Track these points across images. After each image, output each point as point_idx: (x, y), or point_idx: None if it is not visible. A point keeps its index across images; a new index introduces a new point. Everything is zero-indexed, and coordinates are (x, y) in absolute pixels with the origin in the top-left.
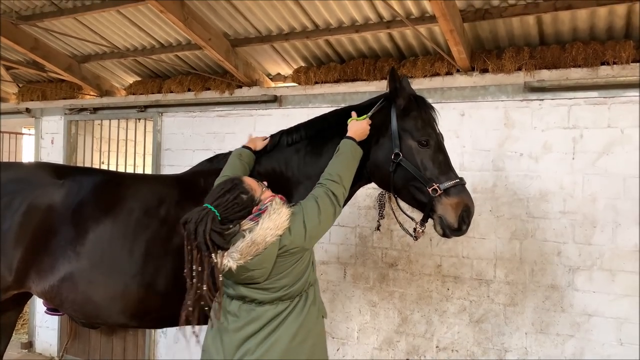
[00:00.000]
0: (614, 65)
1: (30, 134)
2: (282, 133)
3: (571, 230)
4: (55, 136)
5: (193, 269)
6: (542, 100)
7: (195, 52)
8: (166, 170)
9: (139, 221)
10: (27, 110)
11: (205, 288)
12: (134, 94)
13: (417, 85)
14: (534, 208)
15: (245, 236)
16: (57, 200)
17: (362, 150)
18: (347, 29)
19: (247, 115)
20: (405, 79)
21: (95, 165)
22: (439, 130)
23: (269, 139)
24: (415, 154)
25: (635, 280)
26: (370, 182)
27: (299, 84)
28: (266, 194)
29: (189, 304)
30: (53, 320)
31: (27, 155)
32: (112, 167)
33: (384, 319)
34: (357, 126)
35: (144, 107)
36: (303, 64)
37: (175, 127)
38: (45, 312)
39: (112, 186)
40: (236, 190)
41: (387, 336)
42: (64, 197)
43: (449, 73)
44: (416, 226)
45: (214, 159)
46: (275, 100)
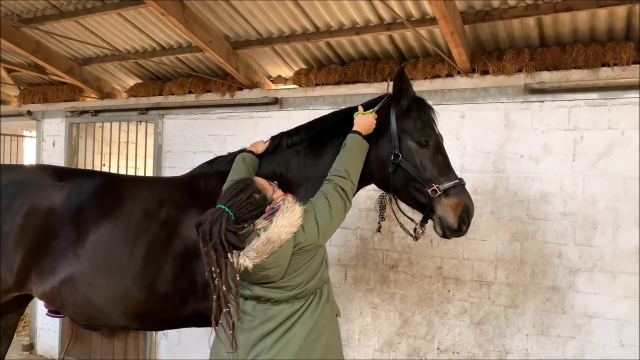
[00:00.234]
0: (615, 66)
1: (31, 137)
2: (282, 135)
3: (572, 232)
4: (56, 138)
5: (213, 270)
6: (543, 101)
7: (196, 55)
8: (167, 172)
9: (139, 223)
10: (29, 112)
11: (225, 289)
12: (135, 97)
13: (417, 87)
14: (535, 210)
15: (260, 235)
16: (58, 203)
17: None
18: (347, 31)
19: (248, 118)
20: (409, 81)
21: (97, 167)
22: (438, 131)
23: (270, 140)
24: (415, 154)
25: (635, 282)
26: (370, 184)
27: (300, 86)
28: (277, 193)
29: (216, 305)
30: (54, 323)
31: (28, 158)
32: (113, 170)
33: (384, 321)
34: (364, 120)
35: (145, 110)
36: (304, 66)
37: (176, 129)
38: (47, 314)
39: (113, 188)
40: (249, 190)
41: (388, 338)
42: (65, 199)
43: (449, 75)
44: (416, 227)
45: (214, 161)
46: (276, 102)
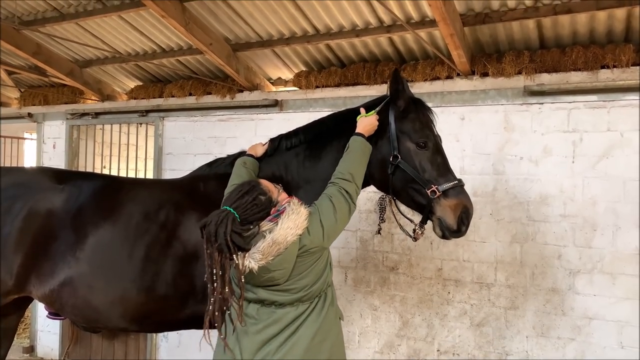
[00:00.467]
0: (614, 68)
1: (32, 139)
2: (280, 137)
3: (571, 234)
4: (57, 141)
5: (214, 272)
6: (542, 104)
7: (196, 57)
8: (167, 174)
9: (139, 226)
10: (29, 115)
11: (228, 291)
12: (135, 99)
13: (417, 89)
14: (534, 211)
15: (265, 237)
16: (57, 205)
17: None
18: (347, 33)
19: (248, 120)
20: (405, 81)
21: (97, 169)
22: (436, 132)
23: (268, 143)
24: (414, 155)
25: (635, 284)
26: (370, 185)
27: (300, 88)
28: (283, 195)
29: (211, 308)
30: (55, 325)
31: (29, 160)
32: (114, 172)
33: (385, 323)
34: (366, 122)
35: (146, 112)
36: (304, 68)
37: (177, 132)
38: (47, 316)
39: (112, 191)
40: (254, 192)
41: (388, 340)
42: (64, 201)
43: (449, 77)
44: (415, 228)
45: (213, 163)
46: (276, 104)
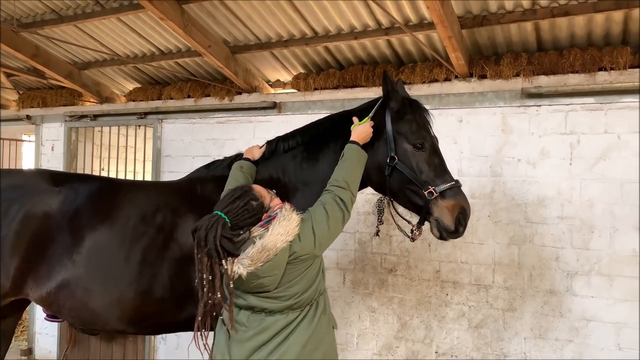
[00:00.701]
0: (612, 71)
1: (30, 141)
2: (278, 139)
3: (569, 236)
4: (55, 143)
5: (204, 277)
6: (540, 106)
7: (195, 59)
8: (166, 176)
9: (136, 228)
10: (28, 117)
11: (219, 296)
12: (134, 101)
13: (415, 91)
14: (532, 213)
15: (255, 242)
16: (54, 208)
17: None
18: (346, 35)
19: (247, 122)
20: (400, 82)
21: (96, 172)
22: (433, 133)
23: (266, 145)
24: (411, 157)
25: (633, 285)
26: (367, 187)
27: (299, 90)
28: (275, 201)
29: (201, 313)
30: (53, 327)
31: (27, 162)
32: (112, 174)
33: (383, 325)
34: (360, 129)
35: (144, 114)
36: (302, 71)
37: (175, 134)
38: (45, 318)
39: (109, 193)
40: (246, 197)
41: (387, 342)
42: (61, 204)
43: (447, 79)
44: (413, 228)
45: (211, 165)
46: (274, 106)
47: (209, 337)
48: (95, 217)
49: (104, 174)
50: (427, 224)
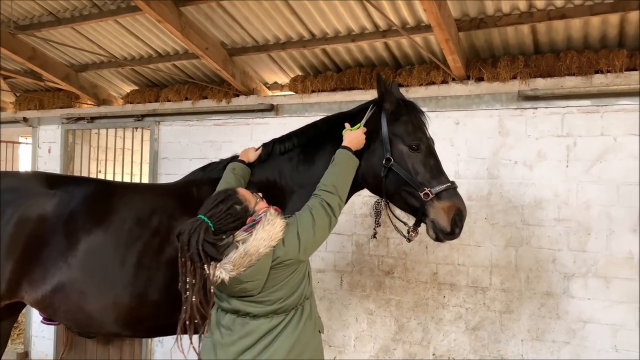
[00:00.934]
0: (608, 73)
1: (27, 143)
2: (274, 142)
3: (566, 238)
4: (52, 145)
5: (187, 281)
6: (536, 108)
7: (192, 61)
8: (163, 179)
9: (131, 231)
10: (25, 119)
11: (195, 299)
12: (131, 103)
13: (413, 94)
14: (529, 215)
15: (238, 247)
16: (49, 210)
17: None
18: (343, 38)
19: (244, 124)
20: (394, 84)
21: (93, 174)
22: (429, 134)
23: (262, 148)
24: (407, 158)
25: (629, 287)
26: (363, 189)
27: (296, 92)
28: (260, 205)
29: (184, 317)
30: (49, 330)
31: (24, 165)
32: (110, 176)
33: (380, 327)
34: (352, 136)
35: (141, 116)
36: (300, 73)
37: (172, 136)
38: (41, 321)
39: (104, 196)
40: (230, 201)
41: (384, 344)
42: (56, 207)
43: (444, 82)
44: (409, 230)
45: (207, 168)
46: (272, 109)
47: (194, 339)
48: (91, 220)
49: (101, 176)
50: (423, 225)
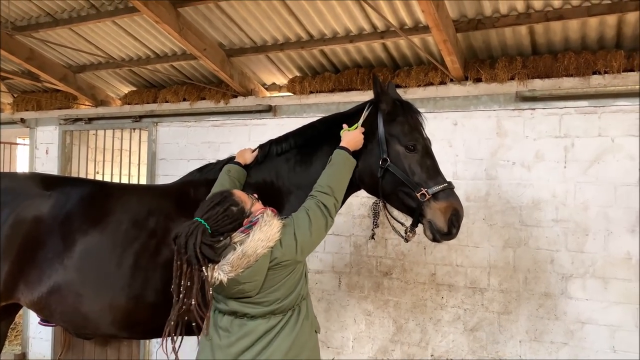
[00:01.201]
0: (606, 74)
1: (24, 144)
2: (271, 143)
3: (564, 238)
4: (49, 146)
5: (181, 284)
6: (534, 109)
7: (190, 62)
8: (161, 180)
9: (127, 232)
10: (22, 120)
11: (194, 302)
12: (129, 104)
13: (411, 94)
14: (527, 216)
15: (236, 248)
16: (44, 212)
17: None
18: (341, 39)
19: (242, 125)
20: (391, 84)
21: (90, 175)
22: (426, 134)
23: (258, 149)
24: (403, 159)
25: (627, 288)
26: (360, 189)
27: (294, 93)
28: (257, 206)
29: (172, 319)
30: (47, 331)
31: (21, 166)
32: (107, 177)
33: (378, 328)
34: (350, 136)
35: (139, 117)
36: (298, 74)
37: (170, 137)
38: (39, 323)
39: (100, 197)
40: (226, 203)
41: (382, 345)
42: (51, 208)
43: (442, 82)
44: (407, 230)
45: (204, 169)
46: (270, 109)
47: (178, 341)
48: (87, 222)
49: (99, 177)
50: (421, 226)
